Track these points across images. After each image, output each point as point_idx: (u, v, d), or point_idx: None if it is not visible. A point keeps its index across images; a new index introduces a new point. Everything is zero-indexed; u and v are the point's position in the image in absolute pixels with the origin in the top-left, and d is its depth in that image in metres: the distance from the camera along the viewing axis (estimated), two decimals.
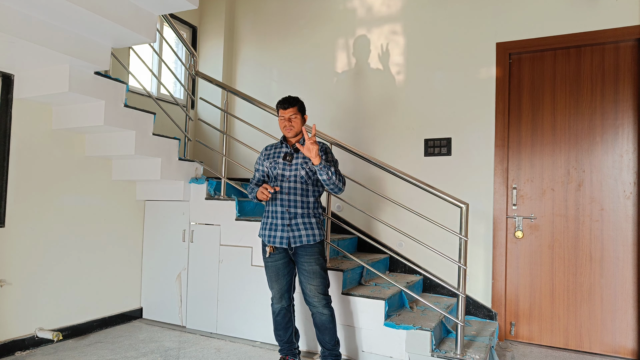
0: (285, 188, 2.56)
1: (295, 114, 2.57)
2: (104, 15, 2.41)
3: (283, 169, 2.58)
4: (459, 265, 2.64)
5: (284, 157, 2.60)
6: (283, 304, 2.61)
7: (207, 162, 4.72)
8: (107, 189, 3.48)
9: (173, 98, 3.64)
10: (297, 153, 2.61)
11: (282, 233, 2.54)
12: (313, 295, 2.53)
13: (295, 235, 2.53)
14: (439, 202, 3.66)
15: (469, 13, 3.64)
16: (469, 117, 3.60)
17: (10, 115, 2.85)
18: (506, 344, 3.37)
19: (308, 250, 2.54)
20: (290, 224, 2.54)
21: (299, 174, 2.58)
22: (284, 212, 2.55)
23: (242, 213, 3.47)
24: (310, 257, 2.53)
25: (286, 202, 2.55)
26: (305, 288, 2.55)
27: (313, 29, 4.31)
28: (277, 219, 2.56)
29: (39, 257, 3.02)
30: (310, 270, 2.52)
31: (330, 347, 2.58)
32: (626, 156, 3.18)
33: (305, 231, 2.54)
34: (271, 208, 2.59)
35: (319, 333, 2.58)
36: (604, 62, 3.27)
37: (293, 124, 2.56)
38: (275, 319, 2.64)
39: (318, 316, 2.55)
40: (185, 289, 3.56)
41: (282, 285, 2.59)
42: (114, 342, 3.13)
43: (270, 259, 2.58)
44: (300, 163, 2.59)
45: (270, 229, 2.57)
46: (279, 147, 2.68)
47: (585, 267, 3.26)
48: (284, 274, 2.59)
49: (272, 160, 2.63)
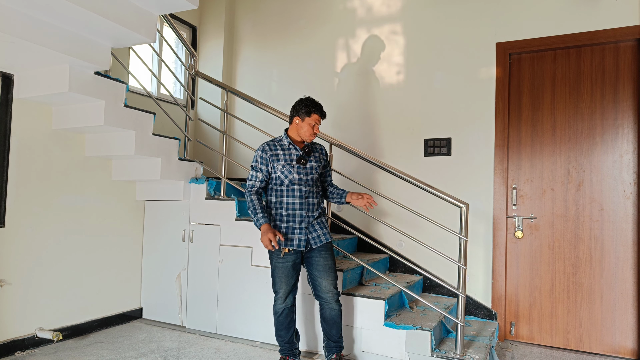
0: (304, 192, 2.57)
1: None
2: (104, 15, 2.41)
3: (298, 172, 2.57)
4: (458, 265, 2.64)
5: (299, 160, 2.58)
6: (287, 304, 2.62)
7: (207, 162, 4.72)
8: (107, 189, 3.48)
9: (173, 98, 3.64)
10: (308, 156, 2.62)
11: (300, 236, 2.56)
12: (327, 290, 2.57)
13: (314, 236, 2.58)
14: (439, 202, 3.66)
15: (469, 13, 3.64)
16: (468, 117, 3.60)
17: (10, 115, 2.85)
18: (506, 344, 3.37)
19: (324, 246, 2.61)
20: (307, 227, 2.58)
21: (313, 178, 2.62)
22: (303, 216, 2.57)
23: (242, 213, 3.47)
24: (326, 253, 2.60)
25: (306, 205, 2.57)
26: (318, 284, 2.59)
27: (313, 29, 4.31)
28: (296, 223, 2.56)
29: (39, 257, 3.02)
30: (326, 265, 2.58)
31: (336, 340, 2.65)
32: (626, 156, 3.18)
33: (321, 230, 2.61)
34: (288, 212, 2.57)
35: (326, 326, 2.64)
36: (604, 62, 3.27)
37: (316, 132, 2.61)
38: (278, 319, 2.64)
39: (328, 311, 2.61)
40: (185, 289, 3.56)
41: (290, 285, 2.61)
42: (114, 342, 3.13)
43: (283, 260, 2.58)
44: (314, 167, 2.62)
45: (287, 232, 2.57)
46: (285, 148, 2.62)
47: (585, 267, 3.26)
48: (293, 274, 2.61)
49: (285, 164, 2.56)
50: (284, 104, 4.41)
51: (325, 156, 2.77)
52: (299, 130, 2.61)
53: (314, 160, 2.63)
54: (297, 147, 2.61)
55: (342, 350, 2.69)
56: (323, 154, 2.75)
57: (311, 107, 2.55)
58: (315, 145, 2.74)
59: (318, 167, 2.64)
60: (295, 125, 2.62)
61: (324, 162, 2.74)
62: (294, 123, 2.62)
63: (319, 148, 2.75)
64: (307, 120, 2.56)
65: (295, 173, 2.56)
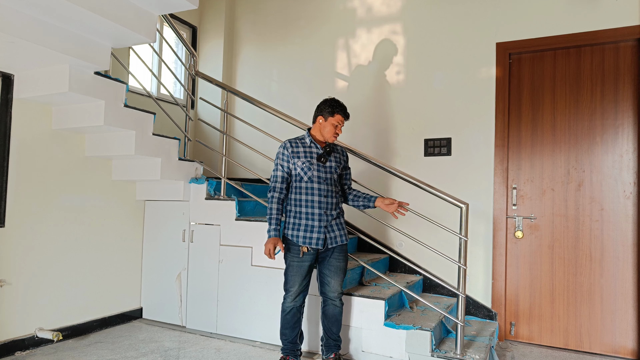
0: (324, 191, 2.60)
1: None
2: (104, 15, 2.41)
3: (318, 170, 2.60)
4: (459, 265, 2.64)
5: (319, 158, 2.60)
6: (296, 303, 2.63)
7: (207, 162, 4.72)
8: (107, 189, 3.48)
9: (173, 98, 3.64)
10: (329, 155, 2.64)
11: (319, 234, 2.58)
12: (334, 289, 2.64)
13: (332, 236, 2.61)
14: (439, 202, 3.66)
15: (469, 13, 3.64)
16: (468, 117, 3.60)
17: (10, 115, 2.85)
18: (506, 344, 3.37)
19: (340, 248, 2.65)
20: (326, 226, 2.60)
21: (332, 177, 2.64)
22: (321, 215, 2.58)
23: (242, 213, 3.47)
24: (340, 254, 2.65)
25: (324, 204, 2.59)
26: (327, 282, 2.64)
27: (313, 29, 4.31)
28: (315, 221, 2.58)
29: (39, 257, 3.02)
30: (338, 266, 2.64)
31: (336, 337, 2.69)
32: (626, 156, 3.18)
33: (339, 231, 2.65)
34: (307, 210, 2.59)
35: (327, 323, 2.68)
36: (603, 62, 3.27)
37: (339, 132, 2.64)
38: (285, 317, 2.65)
39: (332, 308, 2.66)
40: (185, 289, 3.56)
41: (302, 285, 2.62)
42: (114, 342, 3.13)
43: (299, 259, 2.59)
44: (333, 167, 2.65)
45: (305, 230, 2.58)
46: (307, 146, 2.65)
47: (585, 267, 3.26)
48: (307, 273, 2.63)
49: (305, 161, 2.59)
50: (283, 104, 4.41)
51: (345, 158, 2.79)
52: (321, 130, 2.64)
53: (333, 160, 2.66)
54: (318, 146, 2.65)
55: (340, 349, 2.72)
56: (344, 155, 2.78)
57: (335, 107, 2.59)
58: (336, 146, 2.77)
59: (337, 167, 2.67)
60: (318, 124, 2.65)
61: (343, 164, 2.76)
62: (317, 122, 2.65)
63: (339, 149, 2.78)
64: (330, 120, 2.60)
65: (315, 170, 2.59)
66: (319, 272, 2.68)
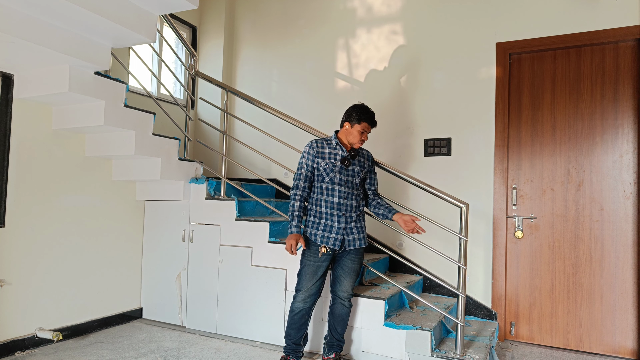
0: (344, 193, 2.61)
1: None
2: (104, 16, 2.41)
3: (340, 172, 2.62)
4: (458, 265, 2.64)
5: (342, 161, 2.62)
6: (306, 305, 2.63)
7: (207, 162, 4.72)
8: (107, 189, 3.48)
9: (173, 98, 3.64)
10: (353, 159, 2.66)
11: (337, 235, 2.59)
12: (345, 289, 2.67)
13: (350, 239, 2.62)
14: (439, 202, 3.66)
15: (469, 13, 3.64)
16: (468, 117, 3.60)
17: (10, 115, 2.85)
18: (506, 344, 3.37)
19: (356, 250, 2.67)
20: (345, 227, 2.61)
21: (354, 181, 2.65)
22: (340, 216, 2.60)
23: (242, 213, 3.47)
24: (356, 257, 2.68)
25: (344, 206, 2.61)
26: (340, 282, 2.67)
27: (313, 29, 4.31)
28: (334, 222, 2.60)
29: (39, 257, 3.02)
30: (353, 268, 2.67)
31: (339, 337, 2.73)
32: (626, 156, 3.18)
33: (358, 235, 2.66)
34: (326, 210, 2.61)
35: (334, 322, 2.70)
36: (603, 62, 3.27)
37: (364, 139, 2.66)
38: (292, 317, 2.64)
39: (340, 307, 2.69)
40: (185, 289, 3.56)
41: (316, 286, 2.62)
42: (114, 342, 3.13)
43: (316, 259, 2.60)
44: (357, 170, 2.67)
45: (324, 229, 2.60)
46: (332, 147, 2.67)
47: (585, 267, 3.26)
48: (322, 273, 2.63)
49: (328, 162, 2.62)
50: (284, 104, 4.41)
51: (370, 162, 2.80)
52: (347, 136, 2.66)
53: (357, 164, 2.68)
54: (343, 149, 2.66)
55: (342, 350, 2.74)
56: (369, 160, 2.79)
57: (362, 114, 2.61)
58: (362, 150, 2.78)
59: (361, 171, 2.69)
60: (345, 129, 2.67)
61: (367, 168, 2.76)
62: (344, 127, 2.67)
63: (365, 154, 2.78)
64: (356, 127, 2.62)
65: (337, 172, 2.61)
66: (333, 270, 2.71)
